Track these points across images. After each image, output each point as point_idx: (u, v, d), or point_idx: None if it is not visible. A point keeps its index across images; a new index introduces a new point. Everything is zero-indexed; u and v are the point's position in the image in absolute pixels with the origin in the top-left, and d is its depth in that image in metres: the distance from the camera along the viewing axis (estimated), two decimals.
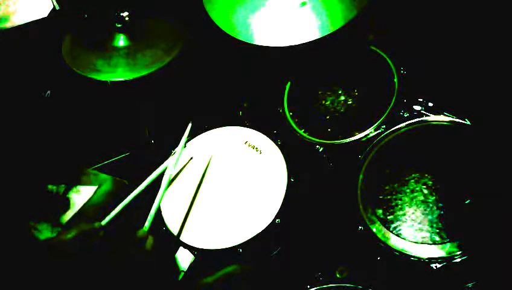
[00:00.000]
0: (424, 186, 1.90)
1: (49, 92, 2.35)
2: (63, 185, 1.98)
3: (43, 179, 1.97)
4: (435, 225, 1.81)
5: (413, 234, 1.82)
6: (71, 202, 1.90)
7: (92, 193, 2.08)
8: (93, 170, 2.30)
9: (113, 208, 1.79)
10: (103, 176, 2.23)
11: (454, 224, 1.79)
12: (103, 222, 1.73)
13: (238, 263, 1.82)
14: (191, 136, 2.26)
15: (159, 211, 2.10)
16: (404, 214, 1.87)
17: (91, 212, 2.02)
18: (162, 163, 2.03)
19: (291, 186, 2.03)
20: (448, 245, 1.75)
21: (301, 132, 2.25)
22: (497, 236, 1.71)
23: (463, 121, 1.98)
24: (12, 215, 1.67)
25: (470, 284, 1.79)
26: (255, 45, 2.08)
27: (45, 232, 1.82)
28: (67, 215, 1.87)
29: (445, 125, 2.01)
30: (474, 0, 2.28)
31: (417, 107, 2.09)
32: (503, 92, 2.20)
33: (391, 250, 1.82)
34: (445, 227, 1.79)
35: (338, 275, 1.95)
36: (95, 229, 1.66)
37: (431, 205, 1.85)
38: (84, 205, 1.97)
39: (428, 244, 1.77)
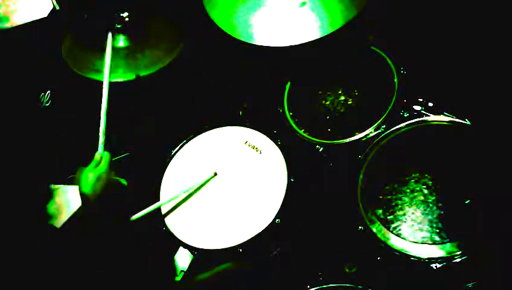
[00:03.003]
0: (424, 186, 1.90)
1: (48, 92, 2.35)
2: (61, 185, 1.97)
3: (41, 179, 1.97)
4: (435, 225, 1.81)
5: (413, 234, 1.82)
6: (69, 202, 1.89)
7: None
8: None
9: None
10: None
11: (454, 224, 1.79)
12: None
13: (234, 261, 1.83)
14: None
15: (159, 210, 2.11)
16: (404, 214, 1.87)
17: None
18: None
19: (291, 186, 2.03)
20: (448, 245, 1.75)
21: (301, 132, 2.25)
22: (497, 236, 1.71)
23: (463, 121, 1.98)
24: (12, 215, 1.67)
25: (470, 284, 1.79)
26: (255, 44, 2.08)
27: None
28: (65, 216, 1.87)
29: (445, 125, 2.01)
30: (474, 0, 2.28)
31: (417, 107, 2.09)
32: (503, 92, 2.20)
33: (391, 250, 1.82)
34: (445, 227, 1.79)
35: (347, 270, 1.95)
36: None
37: (431, 205, 1.85)
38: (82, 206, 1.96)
39: (428, 244, 1.78)
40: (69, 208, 1.76)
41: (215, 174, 2.15)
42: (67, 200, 1.78)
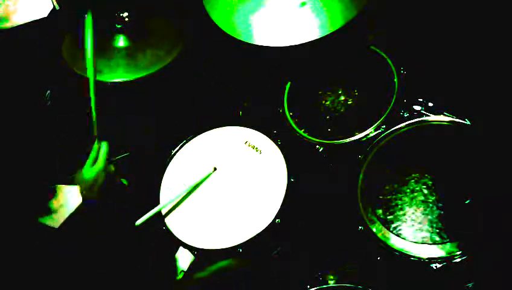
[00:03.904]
0: (424, 186, 1.90)
1: (49, 91, 2.35)
2: (60, 185, 1.97)
3: (41, 179, 1.97)
4: (435, 225, 1.80)
5: (413, 234, 1.82)
6: (68, 202, 1.89)
7: None
8: None
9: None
10: None
11: (454, 224, 1.79)
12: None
13: (233, 258, 1.83)
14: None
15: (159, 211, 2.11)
16: (404, 214, 1.87)
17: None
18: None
19: (291, 186, 2.03)
20: (448, 245, 1.75)
21: (301, 131, 2.25)
22: (497, 236, 1.71)
23: (463, 121, 1.98)
24: (11, 215, 1.67)
25: (470, 284, 1.79)
26: (255, 44, 2.08)
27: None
28: (64, 216, 1.87)
29: (445, 125, 2.01)
30: (474, 0, 2.28)
31: (417, 107, 2.09)
32: (503, 92, 2.19)
33: (391, 250, 1.82)
34: (445, 227, 1.79)
35: (347, 269, 1.96)
36: None
37: (431, 205, 1.85)
38: (80, 205, 1.97)
39: (428, 244, 1.77)
40: (68, 208, 1.76)
41: (215, 169, 2.15)
42: (66, 200, 1.78)
